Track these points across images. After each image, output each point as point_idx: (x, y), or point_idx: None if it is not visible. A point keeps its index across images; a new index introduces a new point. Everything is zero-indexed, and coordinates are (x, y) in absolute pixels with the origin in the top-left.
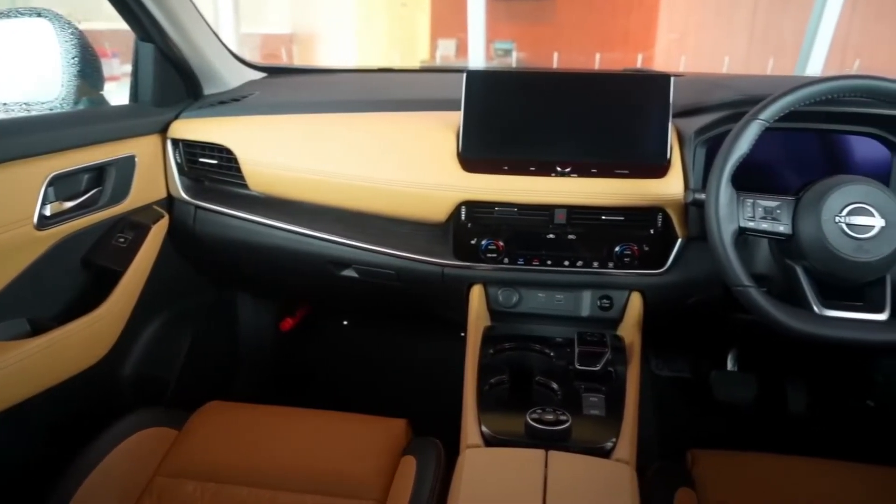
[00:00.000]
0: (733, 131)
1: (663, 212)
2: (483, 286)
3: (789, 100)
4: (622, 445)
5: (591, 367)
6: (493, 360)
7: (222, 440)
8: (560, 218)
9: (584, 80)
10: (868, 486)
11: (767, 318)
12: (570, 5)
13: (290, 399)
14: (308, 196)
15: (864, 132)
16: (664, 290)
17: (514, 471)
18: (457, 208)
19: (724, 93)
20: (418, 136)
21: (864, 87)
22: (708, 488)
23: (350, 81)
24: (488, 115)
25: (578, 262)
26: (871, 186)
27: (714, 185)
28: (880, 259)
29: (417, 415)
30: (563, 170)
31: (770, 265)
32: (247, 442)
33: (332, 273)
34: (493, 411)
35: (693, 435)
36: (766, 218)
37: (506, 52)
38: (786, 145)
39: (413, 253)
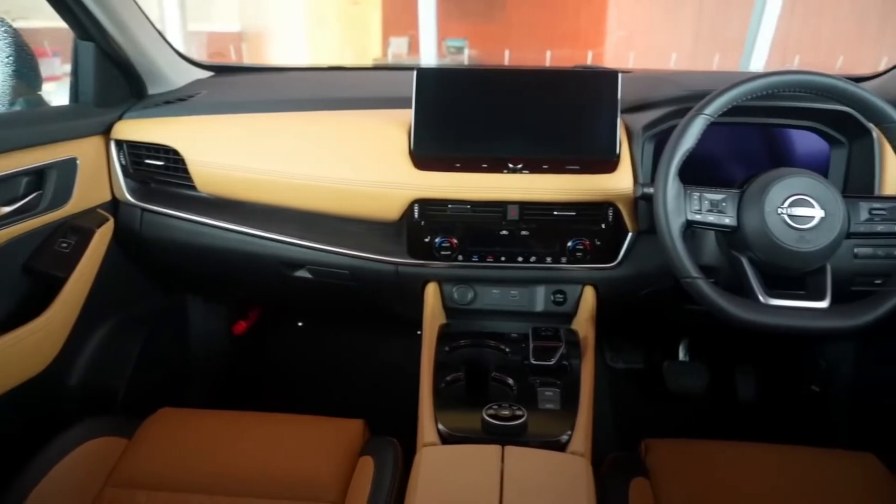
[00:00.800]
0: (679, 126)
1: (614, 206)
2: (438, 284)
3: (732, 95)
4: (577, 438)
5: (546, 361)
6: (448, 357)
7: (174, 448)
8: (513, 214)
9: (535, 78)
10: (812, 468)
11: (715, 308)
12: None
13: (245, 403)
14: (259, 197)
15: (803, 126)
16: (616, 283)
17: (470, 467)
18: (410, 206)
19: (671, 88)
20: (370, 134)
21: (802, 83)
22: (661, 477)
23: (300, 80)
24: (440, 112)
25: (532, 258)
26: (811, 178)
27: (662, 179)
28: (821, 248)
29: (375, 414)
30: (514, 166)
31: (717, 257)
32: (200, 448)
33: (285, 274)
34: (450, 409)
35: (647, 425)
36: (712, 210)
37: (458, 49)
38: (731, 139)
39: (367, 252)
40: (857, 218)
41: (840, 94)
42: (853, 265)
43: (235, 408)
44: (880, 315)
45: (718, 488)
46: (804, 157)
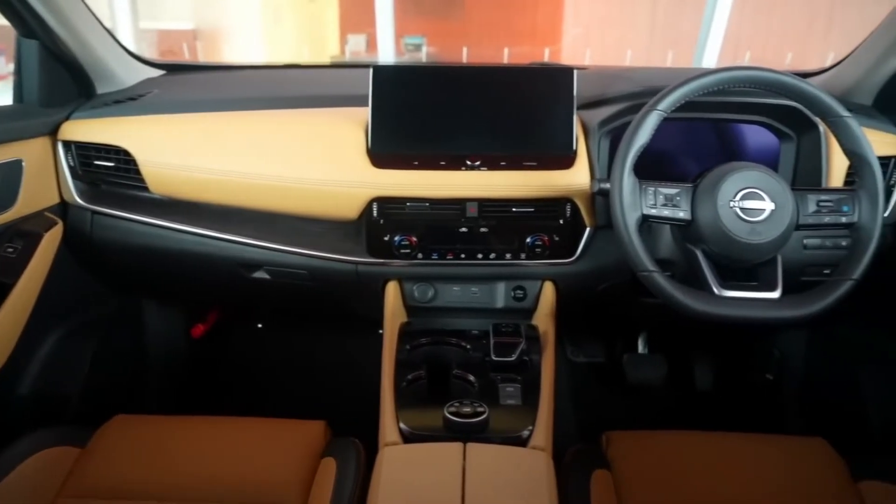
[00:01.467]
0: (634, 122)
1: (571, 202)
2: (398, 282)
3: (685, 90)
4: (538, 433)
5: (507, 357)
6: (410, 355)
7: (130, 456)
8: (472, 211)
9: (491, 75)
10: (766, 454)
11: (671, 300)
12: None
13: (204, 408)
14: (214, 197)
15: (754, 121)
16: (575, 278)
17: (432, 465)
18: (368, 205)
19: (626, 85)
20: (327, 132)
21: (751, 78)
22: (622, 468)
23: (256, 78)
24: (397, 110)
25: (491, 255)
26: (761, 172)
27: (617, 174)
28: (771, 240)
29: (337, 415)
30: (472, 163)
31: (673, 250)
32: (157, 456)
33: (242, 276)
34: (412, 407)
35: (608, 417)
36: (667, 205)
37: (416, 46)
38: (685, 134)
39: (326, 252)
40: (805, 210)
41: (788, 90)
42: (803, 256)
43: (194, 413)
44: (829, 304)
45: (677, 477)
46: (755, 151)
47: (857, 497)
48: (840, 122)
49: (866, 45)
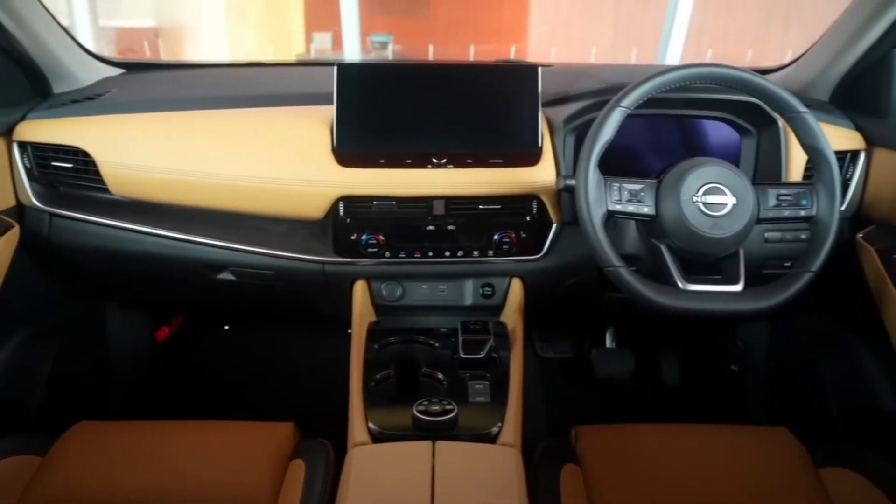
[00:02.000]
0: (598, 119)
1: (538, 199)
2: (366, 281)
3: (647, 87)
4: (507, 429)
5: (476, 354)
6: (378, 355)
7: (93, 463)
8: (439, 209)
9: (456, 72)
10: (731, 445)
11: (637, 295)
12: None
13: (170, 412)
14: (177, 198)
15: (716, 117)
16: (542, 274)
17: (401, 465)
18: (334, 204)
19: (590, 82)
20: (291, 131)
21: (712, 75)
22: (591, 462)
23: (219, 77)
24: (362, 108)
25: (459, 252)
26: (723, 167)
27: (582, 170)
28: (733, 234)
29: (307, 416)
30: (439, 161)
31: (638, 245)
32: (121, 463)
33: (207, 277)
34: (381, 406)
35: (578, 412)
36: (631, 200)
37: (382, 44)
38: (649, 131)
39: (292, 251)
40: (766, 204)
41: (747, 86)
42: (764, 249)
43: (161, 417)
44: (789, 296)
45: (645, 470)
46: (717, 146)
47: (818, 483)
48: (798, 117)
49: (822, 42)
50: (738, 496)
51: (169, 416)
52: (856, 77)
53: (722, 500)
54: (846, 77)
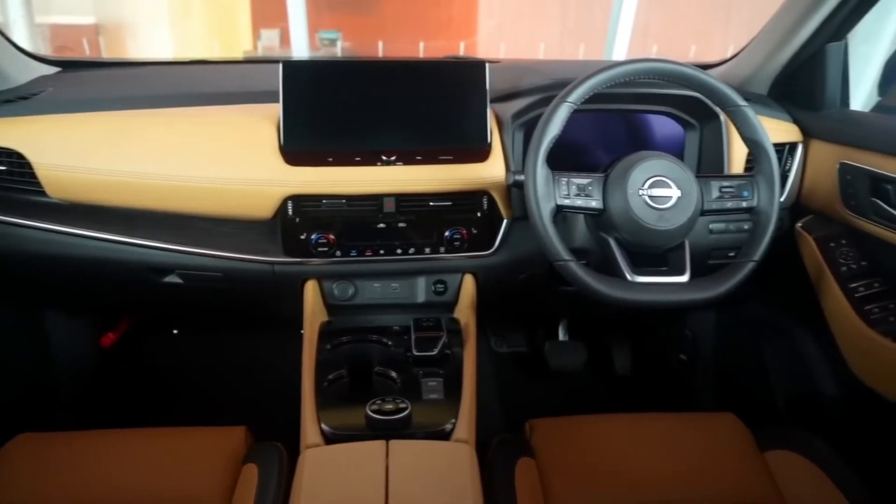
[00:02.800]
0: (545, 114)
1: (488, 194)
2: (317, 281)
3: (593, 83)
4: (461, 425)
5: (429, 351)
6: (331, 355)
7: (36, 476)
8: (389, 207)
9: (405, 69)
10: (681, 432)
11: (586, 288)
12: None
13: (118, 421)
14: (118, 200)
15: (660, 111)
16: (494, 269)
17: (355, 466)
18: (283, 203)
19: (537, 77)
20: (237, 130)
21: (655, 70)
22: (546, 454)
23: (161, 75)
24: (309, 106)
25: (411, 250)
26: (667, 161)
27: (531, 166)
28: (679, 226)
29: (260, 419)
30: (388, 158)
31: (587, 239)
32: (66, 475)
33: (153, 281)
34: (333, 407)
35: (533, 405)
36: (579, 195)
37: (331, 41)
38: (596, 126)
39: (240, 252)
40: (709, 196)
41: (689, 81)
42: (709, 240)
43: (109, 426)
44: (733, 285)
45: (598, 459)
46: (662, 140)
47: (763, 466)
48: (737, 111)
49: (759, 38)
50: (688, 481)
51: (117, 424)
52: (792, 72)
53: (672, 486)
54: (783, 72)
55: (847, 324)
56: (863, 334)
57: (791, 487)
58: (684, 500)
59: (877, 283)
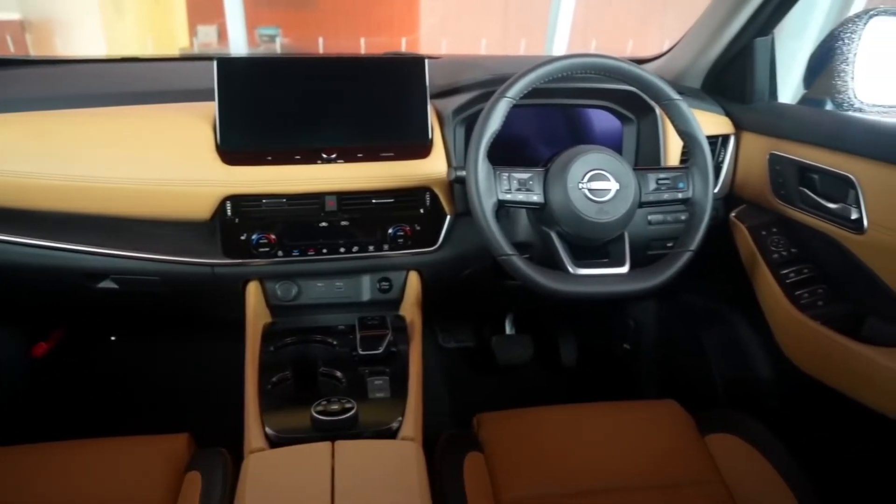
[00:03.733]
0: (485, 110)
1: (430, 191)
2: (259, 282)
3: (531, 78)
4: (407, 423)
5: (374, 350)
6: (274, 357)
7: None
8: (331, 205)
9: (344, 65)
10: (625, 420)
11: (529, 282)
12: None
13: (54, 433)
14: (48, 204)
15: (598, 105)
16: (439, 266)
17: (300, 468)
18: (221, 204)
19: (477, 73)
20: (172, 129)
21: (591, 65)
22: (493, 448)
23: (92, 73)
24: (246, 103)
25: (354, 248)
26: (605, 154)
27: (472, 161)
28: (618, 219)
29: (204, 426)
30: (328, 156)
31: (530, 233)
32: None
33: (87, 287)
34: (278, 410)
35: (481, 400)
36: (521, 189)
37: (270, 37)
38: (537, 120)
39: (178, 255)
40: (646, 188)
41: (624, 75)
42: (648, 231)
43: (44, 440)
44: (671, 275)
45: (545, 450)
46: (601, 134)
47: (704, 449)
48: (672, 104)
49: (692, 33)
50: (633, 468)
51: (52, 437)
52: (723, 66)
53: (618, 473)
54: (714, 66)
55: (779, 309)
56: (794, 318)
57: (730, 468)
58: (630, 486)
59: (806, 269)
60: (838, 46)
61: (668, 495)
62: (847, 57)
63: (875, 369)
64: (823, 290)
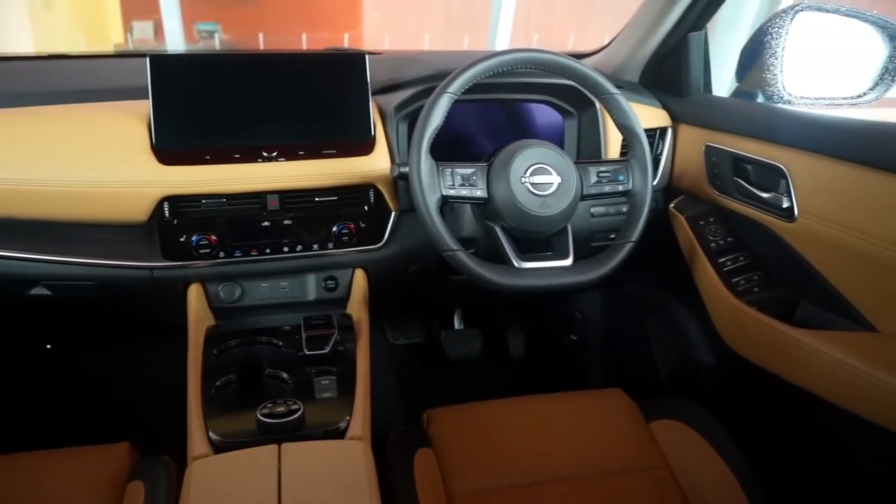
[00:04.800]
0: (426, 106)
1: (374, 188)
2: (201, 284)
3: (472, 73)
4: (355, 422)
5: (320, 350)
6: (218, 360)
7: None
8: (273, 204)
9: (282, 62)
10: (573, 409)
11: (475, 277)
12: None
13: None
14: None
15: (540, 100)
16: (385, 263)
17: (245, 473)
18: (158, 205)
19: (419, 69)
20: (104, 129)
21: (531, 60)
22: (444, 443)
23: (19, 71)
24: (182, 101)
25: (298, 247)
26: (547, 148)
27: (414, 157)
28: (561, 212)
29: (147, 433)
30: (269, 154)
31: (475, 228)
32: None
33: (17, 294)
34: (222, 414)
35: (431, 396)
36: (464, 185)
37: (209, 33)
38: (481, 115)
39: (115, 259)
40: (588, 181)
41: (564, 70)
42: (591, 223)
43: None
44: (614, 266)
45: (495, 443)
46: (543, 128)
47: (649, 436)
48: (610, 98)
49: (629, 27)
50: (581, 457)
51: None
52: (659, 60)
53: (566, 463)
54: (651, 60)
55: (717, 296)
56: (731, 305)
57: (674, 453)
58: (578, 474)
59: (742, 257)
60: (767, 41)
61: (615, 482)
62: (776, 51)
63: (807, 352)
64: (759, 276)
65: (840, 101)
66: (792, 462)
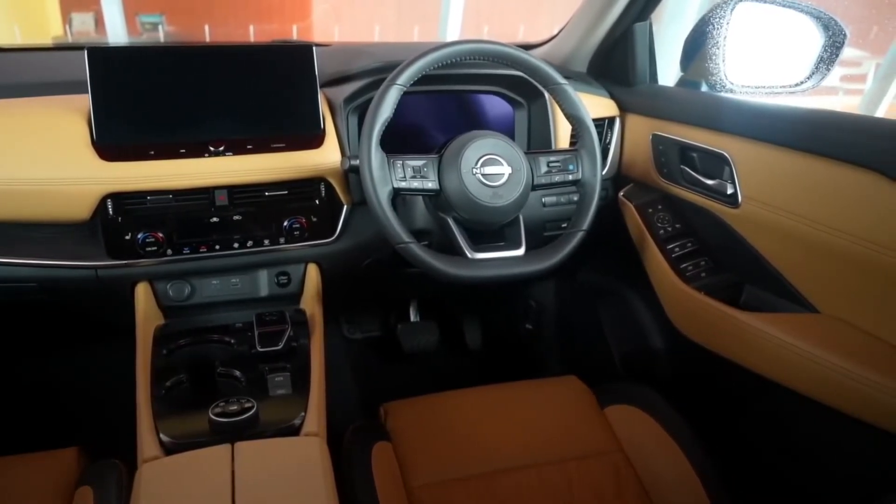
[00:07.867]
0: (375, 98)
1: (325, 181)
2: (149, 283)
3: (420, 65)
4: (310, 418)
5: (274, 346)
6: (168, 360)
7: None
8: (221, 199)
9: (228, 54)
10: (529, 397)
11: (429, 268)
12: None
13: None
14: None
15: (490, 91)
16: (338, 257)
17: (198, 474)
18: (101, 202)
19: (368, 60)
20: (41, 124)
21: (479, 51)
22: (401, 436)
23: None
24: (123, 95)
25: (249, 242)
26: (497, 139)
27: (365, 150)
28: (512, 202)
29: (97, 438)
30: (216, 149)
31: (427, 220)
32: None
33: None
34: (173, 415)
35: (389, 389)
36: (415, 177)
37: (153, 25)
38: (431, 107)
39: (57, 259)
40: (538, 171)
41: (512, 61)
42: (542, 213)
43: None
44: (566, 255)
45: (452, 434)
46: (494, 119)
47: (604, 421)
48: (558, 89)
49: (576, 18)
50: (538, 444)
51: None
52: (606, 50)
53: (523, 451)
54: (598, 50)
55: (667, 282)
56: (680, 290)
57: (628, 437)
58: (535, 462)
59: (689, 243)
60: (709, 31)
61: (571, 468)
62: (717, 41)
63: (752, 334)
64: (706, 262)
65: (779, 90)
66: (743, 442)
